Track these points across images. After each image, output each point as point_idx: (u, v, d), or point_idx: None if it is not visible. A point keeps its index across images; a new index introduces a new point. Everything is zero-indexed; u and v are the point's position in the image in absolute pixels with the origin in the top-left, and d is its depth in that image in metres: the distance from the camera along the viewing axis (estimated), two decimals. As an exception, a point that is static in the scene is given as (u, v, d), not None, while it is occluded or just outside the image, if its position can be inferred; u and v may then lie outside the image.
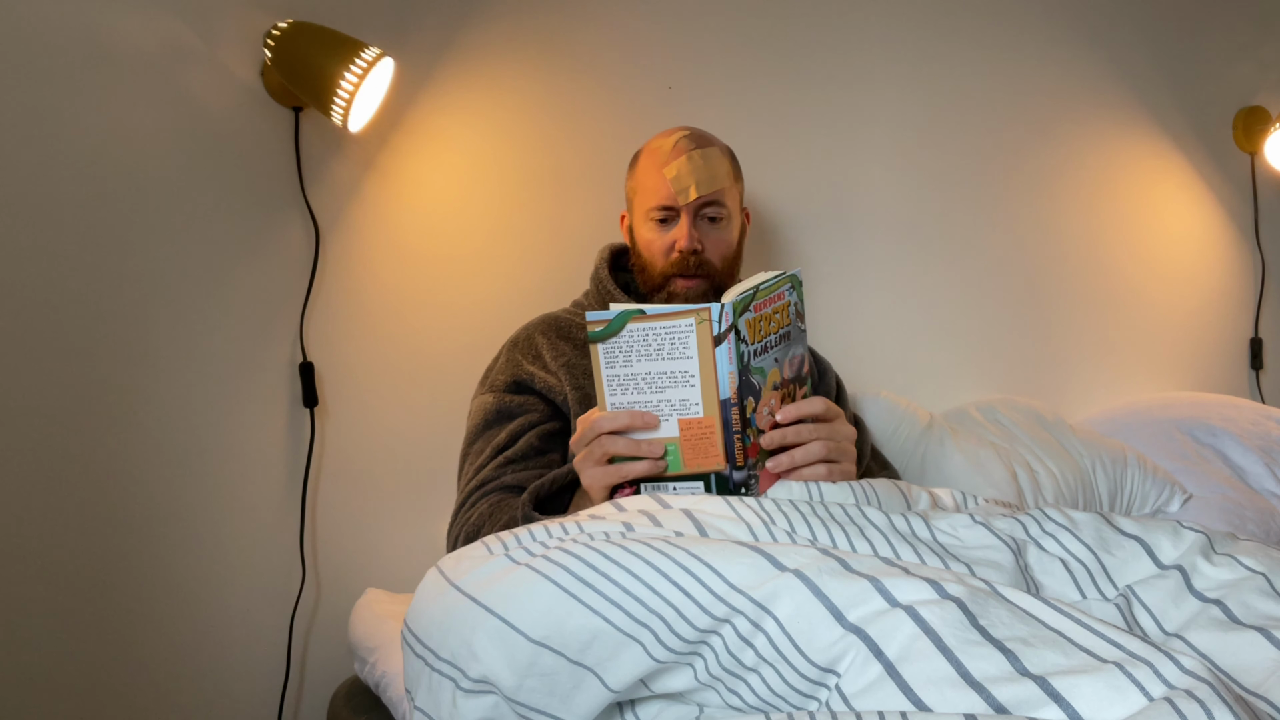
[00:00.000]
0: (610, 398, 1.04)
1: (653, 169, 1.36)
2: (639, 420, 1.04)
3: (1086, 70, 2.09)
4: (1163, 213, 2.19)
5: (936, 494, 1.12)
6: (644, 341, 1.01)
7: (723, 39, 1.80)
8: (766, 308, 1.05)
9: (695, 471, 1.04)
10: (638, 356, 1.02)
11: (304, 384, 1.52)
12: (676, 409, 1.02)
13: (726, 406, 1.01)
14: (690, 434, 1.03)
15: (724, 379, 1.01)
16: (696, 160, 1.33)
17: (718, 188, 1.34)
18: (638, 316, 1.01)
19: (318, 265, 1.54)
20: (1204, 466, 1.82)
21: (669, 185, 1.33)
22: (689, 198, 1.32)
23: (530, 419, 1.31)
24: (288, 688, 1.52)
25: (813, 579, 0.75)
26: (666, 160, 1.34)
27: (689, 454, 1.03)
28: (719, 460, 1.03)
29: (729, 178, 1.38)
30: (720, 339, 1.00)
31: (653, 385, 1.03)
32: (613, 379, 1.04)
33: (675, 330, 1.00)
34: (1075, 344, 2.10)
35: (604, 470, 1.06)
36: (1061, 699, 0.63)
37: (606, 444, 1.05)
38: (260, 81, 1.50)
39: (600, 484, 1.06)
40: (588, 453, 1.07)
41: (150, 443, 1.44)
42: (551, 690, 0.79)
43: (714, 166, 1.34)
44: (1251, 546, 0.93)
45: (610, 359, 1.03)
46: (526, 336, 1.39)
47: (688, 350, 1.00)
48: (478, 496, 1.25)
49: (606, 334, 1.02)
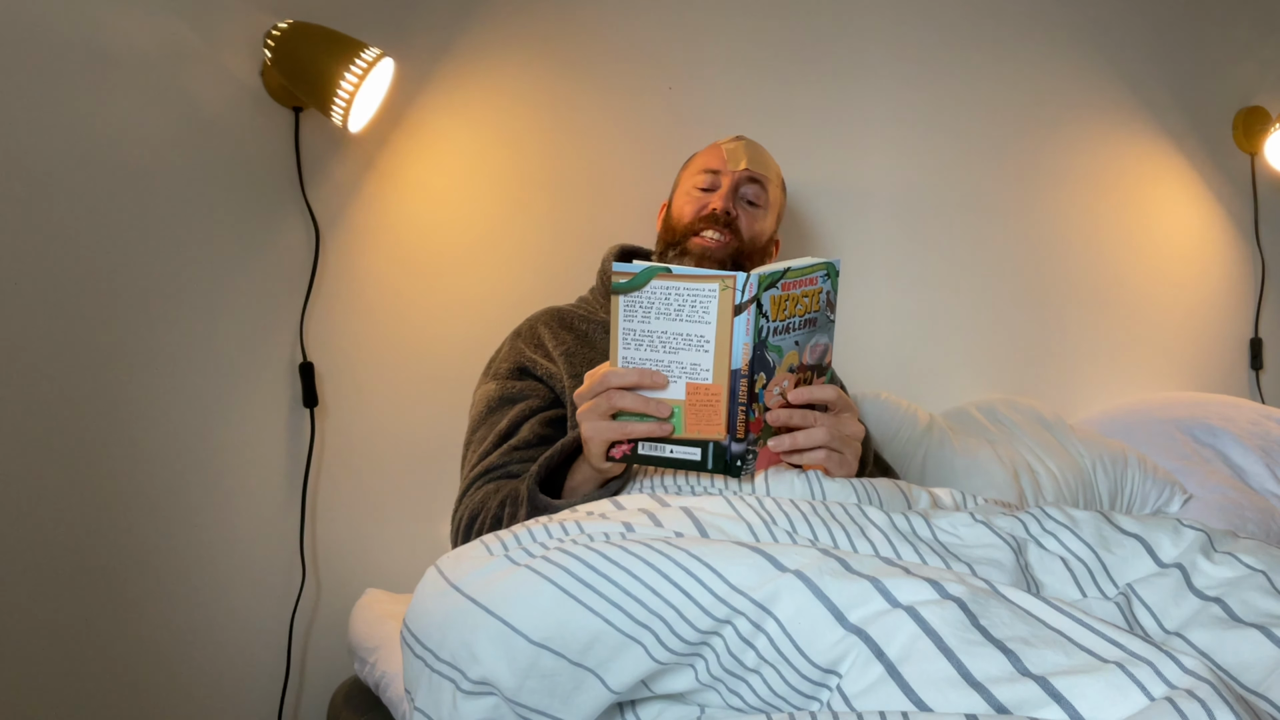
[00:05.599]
0: (623, 351, 1.04)
1: (710, 149, 1.48)
2: (648, 379, 1.03)
3: (1087, 70, 2.09)
4: (1163, 213, 2.19)
5: (937, 494, 1.12)
6: (665, 300, 1.01)
7: (723, 39, 1.80)
8: (795, 289, 1.05)
9: (695, 438, 1.03)
10: (657, 314, 1.01)
11: (304, 384, 1.52)
12: (686, 372, 1.02)
13: (736, 377, 1.01)
14: (696, 399, 1.02)
15: (738, 349, 1.00)
16: (755, 145, 1.47)
17: (765, 172, 1.44)
18: (663, 274, 1.00)
19: (318, 265, 1.54)
20: (1204, 466, 1.82)
21: (723, 155, 1.43)
22: (738, 166, 1.42)
23: (532, 404, 1.31)
24: (288, 688, 1.52)
25: (814, 579, 0.75)
26: (726, 141, 1.47)
27: (691, 419, 1.03)
28: (720, 430, 1.02)
29: (777, 176, 1.49)
30: (741, 309, 0.99)
31: (667, 345, 1.02)
32: (629, 333, 1.03)
33: (698, 293, 1.00)
34: (1075, 344, 2.10)
35: (608, 424, 1.05)
36: (1062, 699, 0.63)
37: (615, 398, 1.04)
38: (260, 81, 1.50)
39: (602, 437, 1.05)
40: (594, 404, 1.06)
41: (150, 443, 1.44)
42: (552, 691, 0.79)
43: (767, 159, 1.47)
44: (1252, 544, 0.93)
45: (629, 312, 1.02)
46: (529, 326, 1.40)
47: (707, 315, 1.00)
48: (481, 482, 1.25)
49: (630, 287, 1.01)
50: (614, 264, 1.02)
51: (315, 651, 1.56)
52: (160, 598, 1.45)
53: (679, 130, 1.71)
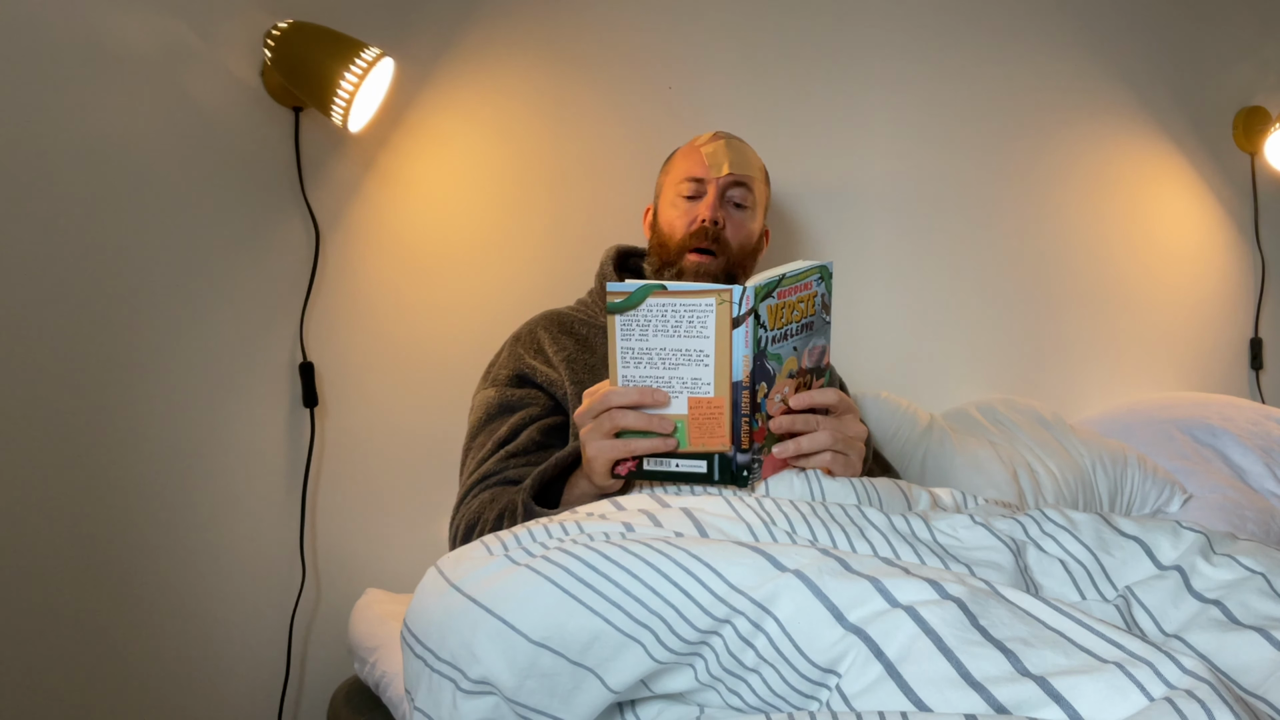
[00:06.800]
0: (623, 370, 1.04)
1: (689, 153, 1.44)
2: (649, 397, 1.03)
3: (1087, 70, 2.09)
4: (1163, 213, 2.19)
5: (937, 494, 1.12)
6: (662, 317, 1.01)
7: (723, 39, 1.80)
8: (791, 295, 1.05)
9: (700, 450, 1.04)
10: (654, 331, 1.02)
11: (304, 384, 1.52)
12: (688, 387, 1.03)
13: (737, 389, 1.01)
14: (699, 413, 1.03)
15: (738, 361, 1.01)
16: (734, 145, 1.43)
17: (749, 172, 1.41)
18: (659, 291, 1.00)
19: (318, 265, 1.54)
20: (1204, 466, 1.82)
21: (704, 161, 1.40)
22: (721, 172, 1.39)
23: (531, 413, 1.31)
24: (288, 688, 1.52)
25: (813, 579, 0.75)
26: (705, 143, 1.43)
27: (695, 432, 1.03)
28: (725, 441, 1.03)
29: (760, 173, 1.45)
30: (739, 321, 1.00)
31: (666, 361, 1.02)
32: (627, 351, 1.03)
33: (695, 308, 1.00)
34: (1075, 344, 2.10)
35: (611, 443, 1.05)
36: (1062, 699, 0.63)
37: (618, 417, 1.04)
38: (260, 81, 1.50)
39: (606, 456, 1.06)
40: (596, 425, 1.06)
41: (151, 443, 1.44)
42: (552, 691, 0.79)
43: (748, 156, 1.44)
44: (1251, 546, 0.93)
45: (627, 331, 1.02)
46: (529, 331, 1.40)
47: (705, 329, 1.00)
48: (479, 489, 1.25)
49: (626, 306, 1.02)
50: (608, 285, 1.02)
51: (315, 651, 1.56)
52: (160, 597, 1.45)
53: (679, 130, 1.71)
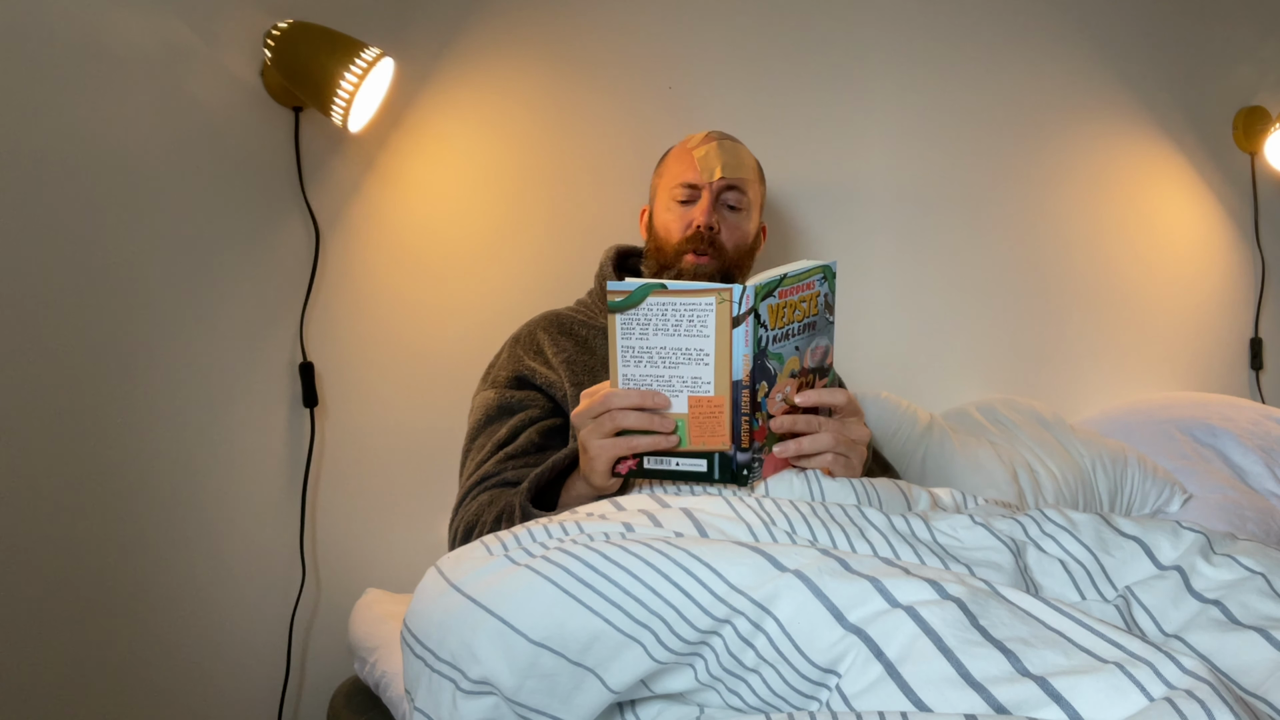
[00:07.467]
0: (623, 369, 1.04)
1: (682, 155, 1.43)
2: (649, 400, 1.03)
3: (1087, 70, 2.09)
4: (1163, 213, 2.19)
5: (937, 494, 1.12)
6: (663, 316, 1.01)
7: (723, 39, 1.80)
8: (793, 295, 1.05)
9: (700, 449, 1.04)
10: (655, 330, 1.02)
11: (304, 384, 1.52)
12: (688, 386, 1.03)
13: (738, 388, 1.01)
14: (699, 412, 1.03)
15: (738, 361, 1.01)
16: (726, 146, 1.41)
17: (742, 175, 1.40)
18: (659, 290, 1.01)
19: (318, 265, 1.54)
20: (1204, 466, 1.82)
21: (697, 165, 1.39)
22: (714, 176, 1.38)
23: (531, 414, 1.31)
24: (288, 688, 1.52)
25: (813, 579, 0.75)
26: (697, 146, 1.42)
27: (695, 431, 1.03)
28: (725, 440, 1.03)
29: (754, 173, 1.44)
30: (739, 321, 1.00)
31: (667, 360, 1.03)
32: (627, 350, 1.03)
33: (695, 307, 1.00)
34: (1075, 344, 2.10)
35: (612, 442, 1.05)
36: (1062, 699, 0.63)
37: (619, 417, 1.05)
38: (260, 81, 1.50)
39: (607, 454, 1.06)
40: (597, 424, 1.06)
41: (150, 443, 1.44)
42: (552, 691, 0.79)
43: (741, 156, 1.42)
44: (1250, 547, 0.93)
45: (627, 330, 1.03)
46: (529, 332, 1.40)
47: (705, 328, 1.00)
48: (478, 491, 1.25)
49: (626, 305, 1.02)
50: (609, 283, 1.02)
51: (315, 651, 1.56)
52: (160, 597, 1.45)
53: (679, 130, 1.71)
